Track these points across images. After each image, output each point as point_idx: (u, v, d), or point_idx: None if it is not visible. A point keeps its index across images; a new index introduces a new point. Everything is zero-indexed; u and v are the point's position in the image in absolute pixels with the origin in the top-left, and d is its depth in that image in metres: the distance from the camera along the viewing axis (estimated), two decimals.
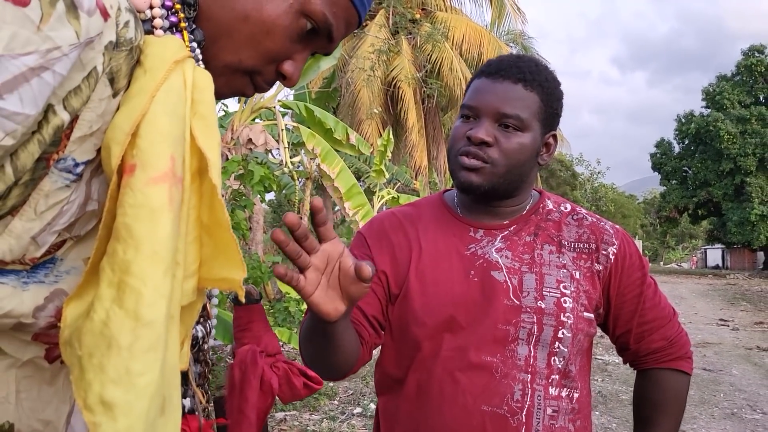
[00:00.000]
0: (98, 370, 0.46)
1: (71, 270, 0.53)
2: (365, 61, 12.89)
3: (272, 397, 1.19)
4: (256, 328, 1.26)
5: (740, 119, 26.59)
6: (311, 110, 6.67)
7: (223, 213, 0.54)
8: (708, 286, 18.67)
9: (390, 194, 9.42)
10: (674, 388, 1.15)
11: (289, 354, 5.78)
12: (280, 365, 1.20)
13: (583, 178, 38.30)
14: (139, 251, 0.47)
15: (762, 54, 27.93)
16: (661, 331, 1.13)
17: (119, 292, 0.47)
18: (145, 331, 0.47)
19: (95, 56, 0.47)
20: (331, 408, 4.78)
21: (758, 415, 4.95)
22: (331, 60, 6.57)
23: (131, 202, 0.48)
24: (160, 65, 0.51)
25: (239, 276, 0.56)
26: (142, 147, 0.48)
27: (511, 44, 16.57)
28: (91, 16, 0.45)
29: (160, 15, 0.55)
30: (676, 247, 51.76)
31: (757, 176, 26.59)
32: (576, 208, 1.15)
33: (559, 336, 1.01)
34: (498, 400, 0.99)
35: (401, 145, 14.01)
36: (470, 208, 1.12)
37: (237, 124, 6.03)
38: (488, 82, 1.06)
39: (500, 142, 1.03)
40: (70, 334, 0.50)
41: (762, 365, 6.89)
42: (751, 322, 10.48)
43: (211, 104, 0.54)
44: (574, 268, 1.06)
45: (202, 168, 0.54)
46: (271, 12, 0.59)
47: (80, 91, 0.47)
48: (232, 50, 0.60)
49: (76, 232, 0.52)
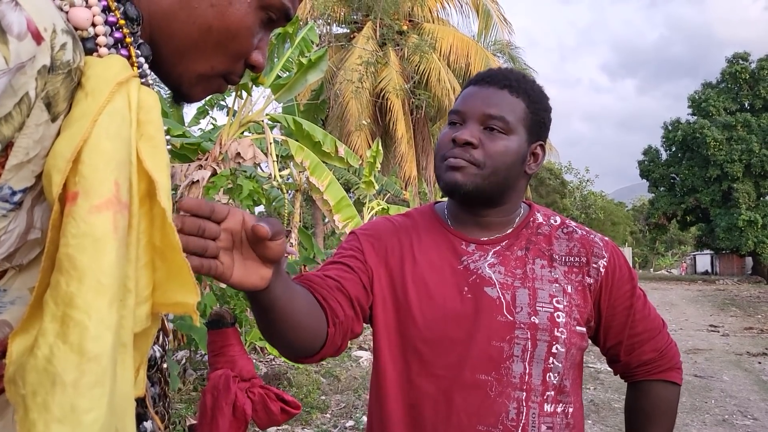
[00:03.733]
0: (42, 409, 0.45)
1: (16, 300, 0.51)
2: (353, 72, 12.95)
3: (245, 423, 1.16)
4: (231, 352, 1.22)
5: (726, 126, 26.90)
6: (299, 123, 6.67)
7: (174, 236, 0.52)
8: (698, 292, 18.77)
9: (380, 205, 9.42)
10: (665, 399, 1.15)
11: (280, 368, 5.73)
12: (256, 390, 1.17)
13: (573, 186, 38.53)
14: (82, 283, 0.46)
15: (746, 61, 28.33)
16: (651, 343, 1.13)
17: (63, 327, 0.46)
18: (91, 365, 0.45)
19: (27, 81, 0.45)
20: (323, 422, 4.73)
21: (749, 421, 4.95)
22: (319, 73, 6.59)
23: (74, 232, 0.46)
24: (103, 87, 0.49)
25: (193, 300, 0.54)
26: (84, 173, 0.47)
27: (498, 54, 16.72)
28: (21, 40, 0.44)
29: (103, 32, 0.54)
30: (666, 254, 52.10)
31: (744, 182, 26.86)
32: (565, 221, 1.14)
33: (553, 351, 1.00)
34: (493, 419, 0.98)
35: (390, 156, 14.05)
36: (460, 220, 1.10)
37: (225, 138, 6.02)
38: (475, 89, 1.08)
39: (485, 144, 1.03)
40: (14, 371, 0.48)
41: (752, 371, 6.91)
42: (740, 327, 10.53)
43: (158, 124, 0.53)
44: (565, 282, 1.05)
45: (151, 191, 0.52)
46: (234, 18, 0.60)
47: (11, 118, 0.45)
48: (202, 60, 0.61)
49: (18, 261, 0.51)
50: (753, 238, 26.45)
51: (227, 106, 9.10)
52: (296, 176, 8.39)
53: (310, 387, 5.43)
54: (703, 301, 15.69)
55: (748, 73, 28.00)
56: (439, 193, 13.68)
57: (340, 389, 5.64)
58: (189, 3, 0.59)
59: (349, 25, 14.97)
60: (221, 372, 1.18)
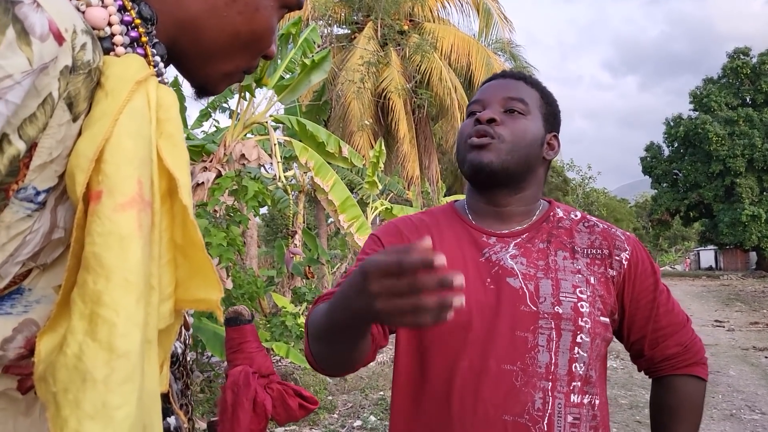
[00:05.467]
0: (74, 406, 0.45)
1: (41, 299, 0.51)
2: (355, 73, 12.95)
3: (266, 419, 1.17)
4: (249, 348, 1.24)
5: (728, 121, 26.83)
6: (303, 124, 6.68)
7: (196, 233, 0.53)
8: (702, 288, 18.73)
9: (383, 205, 9.41)
10: (691, 395, 1.14)
11: (287, 368, 5.73)
12: (275, 386, 1.18)
13: (575, 184, 38.47)
14: (109, 281, 0.46)
15: (747, 56, 28.25)
16: (675, 337, 1.13)
17: (91, 324, 0.46)
18: (121, 362, 0.46)
19: (50, 82, 0.45)
20: (331, 422, 4.73)
21: (757, 416, 4.94)
22: (323, 73, 6.59)
23: (99, 231, 0.46)
24: (122, 86, 0.49)
25: (216, 296, 0.55)
26: (107, 172, 0.47)
27: (499, 53, 16.70)
28: (44, 41, 0.44)
29: (120, 32, 0.54)
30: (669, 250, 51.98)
31: (747, 177, 26.78)
32: (586, 216, 1.16)
33: (578, 341, 1.01)
34: (519, 409, 0.97)
35: (393, 155, 14.04)
36: (481, 213, 1.12)
37: (229, 139, 6.03)
38: (494, 82, 1.15)
39: (506, 123, 1.07)
40: (44, 369, 0.48)
41: (759, 365, 6.90)
42: (746, 322, 10.51)
43: (177, 122, 0.53)
44: (588, 273, 1.06)
45: (172, 188, 0.52)
46: (260, 22, 0.62)
47: (36, 119, 0.45)
48: (228, 61, 0.63)
49: (42, 260, 0.51)
50: (757, 233, 26.37)
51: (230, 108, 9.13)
52: (300, 177, 8.39)
53: (317, 387, 5.43)
54: (708, 296, 15.66)
55: (749, 68, 27.92)
56: (441, 192, 13.69)
57: (347, 389, 5.64)
58: (218, 10, 0.60)
59: (350, 26, 14.96)
60: (241, 368, 1.19)
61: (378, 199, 9.69)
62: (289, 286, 7.66)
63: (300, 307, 7.05)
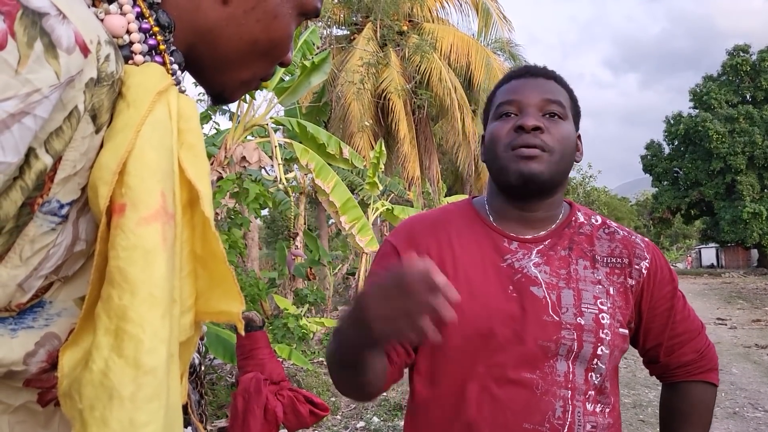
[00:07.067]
0: (101, 424, 0.45)
1: (62, 312, 0.51)
2: (354, 74, 12.94)
3: (276, 426, 1.16)
4: (260, 355, 1.23)
5: (728, 119, 26.82)
6: (303, 126, 6.67)
7: (217, 245, 0.52)
8: (704, 286, 18.71)
9: (384, 206, 9.41)
10: (704, 400, 1.15)
11: (289, 370, 5.73)
12: (285, 393, 1.17)
13: (576, 183, 38.44)
14: (135, 296, 0.45)
15: (747, 53, 28.25)
16: (691, 344, 1.12)
17: (117, 340, 0.45)
18: (147, 379, 0.45)
19: (76, 95, 0.45)
20: (334, 423, 4.73)
21: (760, 413, 4.93)
22: (323, 75, 6.59)
23: (123, 245, 0.46)
24: (144, 97, 0.49)
25: (237, 308, 0.54)
26: (131, 185, 0.46)
27: (499, 52, 16.70)
28: (70, 54, 0.43)
29: (138, 39, 0.53)
30: (671, 248, 51.93)
31: (748, 174, 26.77)
32: (606, 221, 1.14)
33: (599, 353, 1.00)
34: (539, 417, 0.96)
35: (393, 156, 14.04)
36: (504, 216, 1.08)
37: (230, 142, 6.03)
38: (523, 81, 1.08)
39: (550, 130, 1.02)
40: (68, 385, 0.48)
41: (761, 363, 6.89)
42: (748, 320, 10.50)
43: (197, 132, 0.53)
44: (608, 283, 1.04)
45: (193, 199, 0.52)
46: (278, 30, 0.61)
47: (62, 133, 0.45)
48: (245, 69, 0.63)
49: (64, 273, 0.51)
50: (758, 230, 26.36)
51: (230, 110, 9.11)
52: (301, 179, 8.39)
53: (320, 389, 5.43)
54: (710, 294, 15.64)
55: (749, 65, 27.92)
56: (442, 193, 13.67)
57: None
58: (236, 19, 0.59)
59: (350, 27, 14.96)
60: (252, 375, 1.19)
61: (379, 200, 9.68)
62: (291, 287, 7.66)
63: (302, 308, 7.05)
